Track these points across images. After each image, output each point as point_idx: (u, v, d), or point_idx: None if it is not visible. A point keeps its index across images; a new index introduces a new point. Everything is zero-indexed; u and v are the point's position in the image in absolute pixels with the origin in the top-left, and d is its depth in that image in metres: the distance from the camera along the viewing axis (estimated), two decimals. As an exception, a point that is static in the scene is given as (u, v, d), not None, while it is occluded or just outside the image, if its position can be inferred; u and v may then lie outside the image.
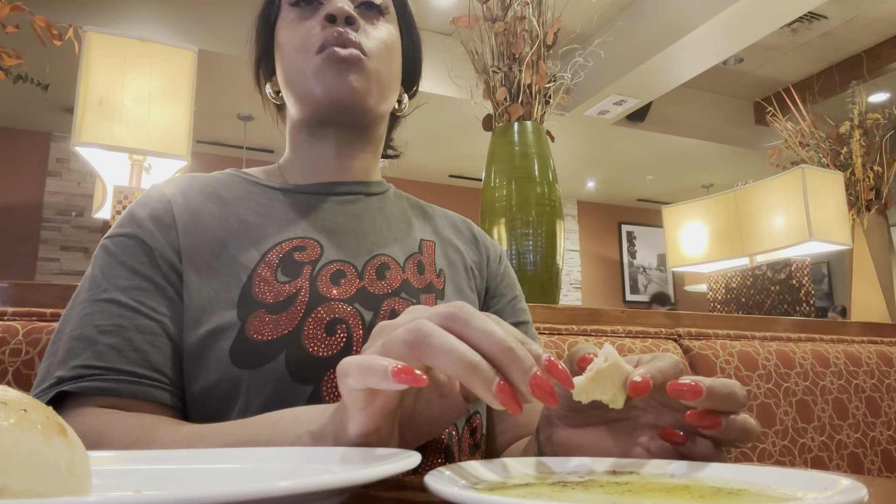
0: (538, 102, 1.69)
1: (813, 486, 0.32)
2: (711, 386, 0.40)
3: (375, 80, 0.68)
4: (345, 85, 0.66)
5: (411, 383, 0.34)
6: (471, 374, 0.34)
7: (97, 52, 1.80)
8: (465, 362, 0.34)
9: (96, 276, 0.61)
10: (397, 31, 0.74)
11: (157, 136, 1.82)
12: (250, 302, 0.59)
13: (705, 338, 1.23)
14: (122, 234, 0.63)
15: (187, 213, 0.65)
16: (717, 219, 2.83)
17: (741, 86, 5.87)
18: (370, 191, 0.75)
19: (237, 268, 0.62)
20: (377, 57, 0.68)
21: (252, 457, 0.39)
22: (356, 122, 0.71)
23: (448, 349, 0.35)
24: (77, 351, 0.56)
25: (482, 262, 0.79)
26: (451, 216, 0.83)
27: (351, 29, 0.66)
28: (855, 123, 2.97)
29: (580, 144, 5.99)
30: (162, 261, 0.61)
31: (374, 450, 0.38)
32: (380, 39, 0.69)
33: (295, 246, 0.65)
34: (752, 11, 3.75)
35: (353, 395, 0.37)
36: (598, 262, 7.86)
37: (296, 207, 0.69)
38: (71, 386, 0.54)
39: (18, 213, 5.39)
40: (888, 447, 1.25)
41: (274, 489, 0.23)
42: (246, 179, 0.72)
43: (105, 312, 0.58)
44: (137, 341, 0.57)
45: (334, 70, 0.65)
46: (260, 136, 5.80)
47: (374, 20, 0.71)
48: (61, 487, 0.26)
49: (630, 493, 0.32)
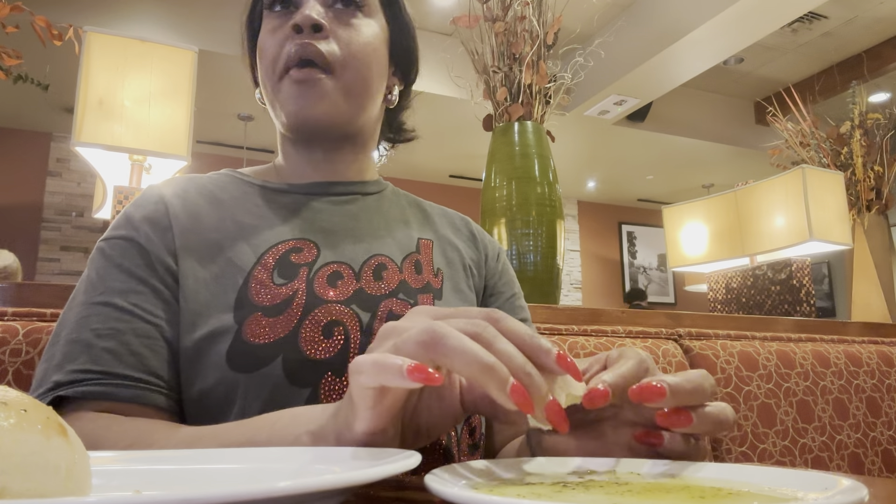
0: (538, 102, 1.69)
1: (813, 486, 0.32)
2: (674, 384, 0.39)
3: (342, 94, 0.66)
4: (306, 109, 0.65)
5: (426, 381, 0.34)
6: (486, 375, 0.35)
7: (97, 52, 1.80)
8: (480, 363, 0.35)
9: (92, 279, 0.60)
10: (379, 23, 0.71)
11: (157, 137, 1.82)
12: (247, 305, 0.59)
13: (706, 338, 1.23)
14: (118, 237, 0.63)
15: (183, 215, 0.64)
16: (718, 219, 2.83)
17: (742, 86, 5.87)
18: (366, 190, 0.75)
19: (233, 270, 0.61)
20: (346, 65, 0.66)
21: (252, 457, 0.38)
22: (334, 136, 0.70)
23: (463, 350, 0.35)
24: (74, 355, 0.55)
25: (480, 259, 0.79)
26: (449, 214, 0.83)
27: (318, 36, 0.65)
28: (855, 123, 2.97)
29: (580, 144, 5.99)
30: (158, 263, 0.61)
31: (375, 450, 0.38)
32: (352, 42, 0.66)
33: (291, 248, 0.64)
34: (752, 11, 3.75)
35: (364, 392, 0.37)
36: (599, 263, 7.86)
37: (291, 208, 0.69)
38: (68, 391, 0.54)
39: (18, 213, 5.40)
40: (889, 447, 1.25)
41: (274, 489, 0.23)
42: (242, 180, 0.72)
43: (101, 316, 0.57)
44: (134, 345, 0.57)
45: (295, 95, 0.65)
46: (260, 136, 5.80)
47: (350, 18, 0.68)
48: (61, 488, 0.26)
49: (630, 494, 0.32)
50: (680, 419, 0.40)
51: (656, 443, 0.42)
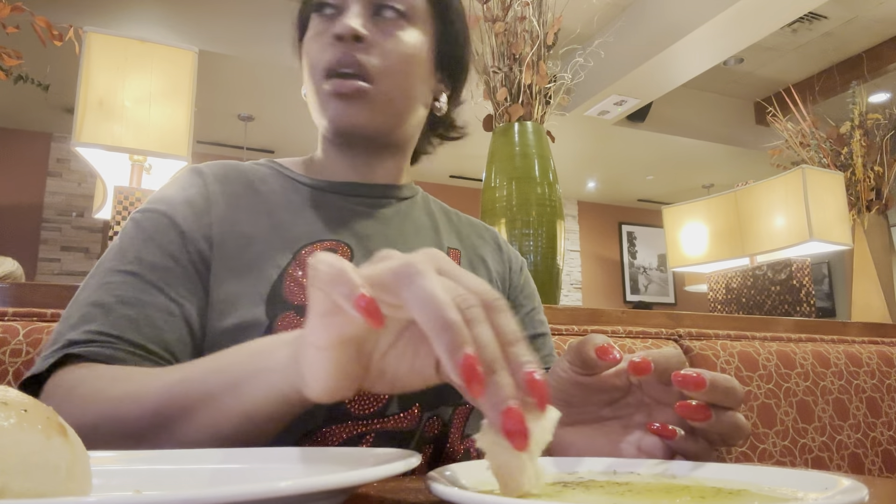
0: (538, 103, 1.69)
1: (814, 486, 0.32)
2: (714, 378, 0.41)
3: (383, 105, 0.66)
4: (347, 119, 0.65)
5: (365, 315, 0.31)
6: (441, 331, 0.30)
7: (97, 53, 1.80)
8: (440, 316, 0.30)
9: (123, 247, 0.59)
10: (425, 32, 0.70)
11: (157, 137, 1.83)
12: (279, 302, 0.59)
13: (706, 338, 1.23)
14: (155, 211, 0.62)
15: (223, 203, 0.64)
16: (718, 219, 2.83)
17: (742, 86, 5.87)
18: (401, 195, 0.74)
19: (267, 264, 0.61)
20: (387, 76, 0.65)
21: (252, 457, 0.38)
22: (375, 144, 0.70)
23: (430, 296, 0.30)
24: (92, 316, 0.54)
25: (505, 272, 0.78)
26: (475, 224, 0.82)
27: (359, 47, 0.64)
28: (855, 124, 2.97)
29: (580, 145, 5.99)
30: (191, 246, 0.60)
31: (375, 450, 0.38)
32: (392, 53, 0.66)
33: (326, 248, 0.64)
34: (752, 12, 3.74)
35: (316, 295, 0.34)
36: (599, 263, 7.86)
37: (328, 207, 0.69)
38: (79, 349, 0.52)
39: (19, 213, 5.39)
40: (889, 447, 1.25)
41: (274, 489, 0.23)
42: (281, 173, 0.72)
43: (127, 284, 0.56)
44: (155, 318, 0.56)
45: (336, 103, 0.65)
46: (260, 137, 5.79)
47: (392, 28, 0.67)
48: (61, 487, 0.26)
49: (631, 494, 0.32)
50: (701, 413, 0.41)
51: (669, 436, 0.42)
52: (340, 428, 0.57)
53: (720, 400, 0.41)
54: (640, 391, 0.46)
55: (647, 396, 0.46)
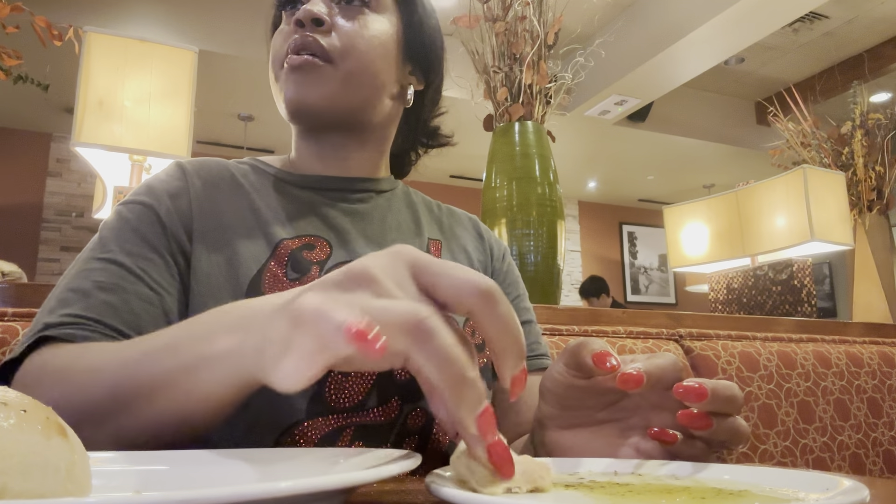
0: (539, 102, 1.69)
1: (815, 486, 0.32)
2: (715, 388, 0.40)
3: (341, 81, 0.65)
4: (301, 93, 0.65)
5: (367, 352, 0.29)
6: (458, 390, 0.30)
7: (97, 53, 1.80)
8: (458, 377, 0.30)
9: (104, 237, 0.59)
10: (389, 20, 0.70)
11: (157, 137, 1.82)
12: (258, 296, 0.58)
13: (707, 338, 1.23)
14: (138, 202, 0.62)
15: (204, 196, 0.64)
16: (719, 219, 2.83)
17: (742, 86, 5.87)
18: (379, 188, 0.74)
19: (247, 258, 0.61)
20: (347, 55, 0.65)
21: (252, 457, 0.38)
22: (337, 126, 0.69)
23: (447, 358, 0.30)
24: (69, 301, 0.54)
25: (487, 260, 0.78)
26: (456, 213, 0.82)
27: (319, 30, 0.64)
28: (856, 123, 2.97)
29: (581, 145, 5.99)
30: (172, 239, 0.60)
31: (375, 450, 0.38)
32: (355, 35, 0.66)
33: (304, 244, 0.64)
34: (753, 11, 3.74)
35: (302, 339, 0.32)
36: (599, 263, 7.85)
37: (307, 203, 0.69)
38: (55, 331, 0.51)
39: (18, 213, 5.40)
40: (890, 448, 1.25)
41: (274, 489, 0.23)
42: (262, 170, 0.72)
43: (107, 271, 0.56)
44: (134, 305, 0.55)
45: (291, 80, 0.65)
46: (260, 136, 5.80)
47: (356, 14, 0.67)
48: (61, 488, 0.26)
49: (631, 494, 0.32)
50: (703, 421, 0.41)
51: (670, 440, 0.42)
52: (320, 422, 0.57)
53: (721, 408, 0.41)
54: (637, 394, 0.46)
55: (644, 400, 0.46)
